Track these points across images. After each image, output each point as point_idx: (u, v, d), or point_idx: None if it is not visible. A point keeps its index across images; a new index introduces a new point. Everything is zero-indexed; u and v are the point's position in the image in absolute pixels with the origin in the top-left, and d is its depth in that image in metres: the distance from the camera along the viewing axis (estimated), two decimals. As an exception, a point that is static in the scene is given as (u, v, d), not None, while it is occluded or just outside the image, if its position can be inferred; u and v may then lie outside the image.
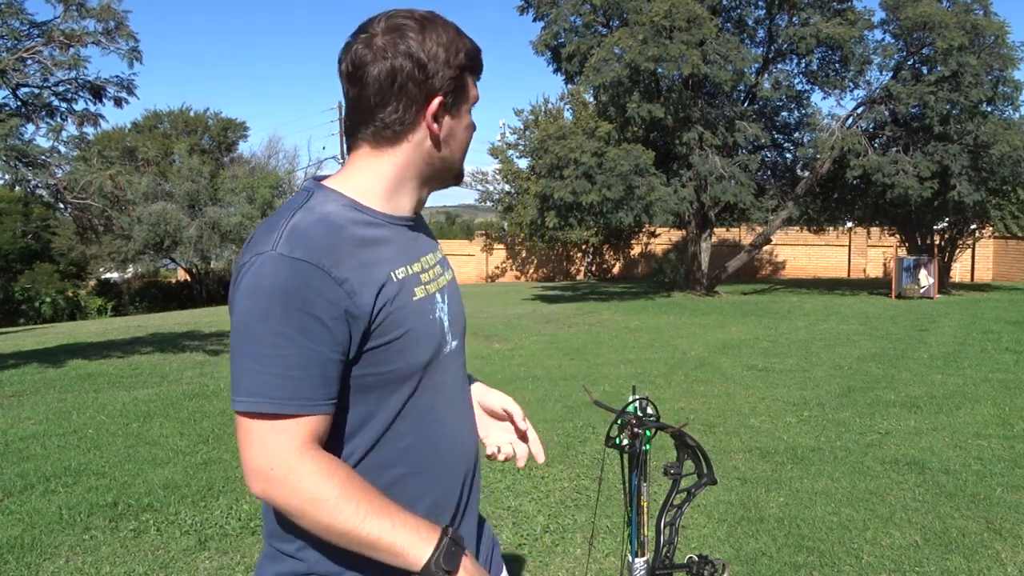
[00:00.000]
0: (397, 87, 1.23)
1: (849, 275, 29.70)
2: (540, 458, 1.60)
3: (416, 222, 1.38)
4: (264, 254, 1.15)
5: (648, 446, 1.68)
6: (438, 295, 1.34)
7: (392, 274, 1.25)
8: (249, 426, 1.15)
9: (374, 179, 1.29)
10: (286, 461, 1.13)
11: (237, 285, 1.18)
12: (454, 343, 1.37)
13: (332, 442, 1.23)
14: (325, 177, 1.33)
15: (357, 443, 1.25)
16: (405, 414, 1.27)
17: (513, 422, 1.61)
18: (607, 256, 33.04)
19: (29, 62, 10.34)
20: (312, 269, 1.14)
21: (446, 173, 1.36)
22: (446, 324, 1.34)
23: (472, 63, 1.30)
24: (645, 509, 1.69)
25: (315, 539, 1.20)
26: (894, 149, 19.18)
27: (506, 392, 1.66)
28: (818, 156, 19.77)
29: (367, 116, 1.27)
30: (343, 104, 1.34)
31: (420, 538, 1.16)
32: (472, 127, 1.35)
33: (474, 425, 1.49)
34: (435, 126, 1.27)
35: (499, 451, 1.61)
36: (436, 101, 1.26)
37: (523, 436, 1.62)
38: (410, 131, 1.27)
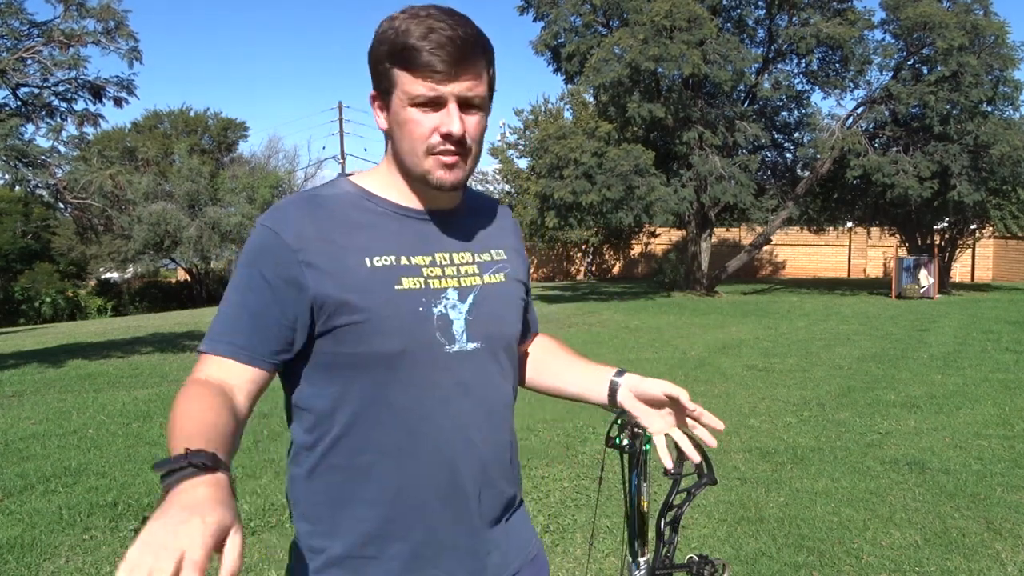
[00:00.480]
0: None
1: (849, 275, 29.70)
2: (718, 424, 1.52)
3: (455, 219, 1.37)
4: (256, 224, 1.30)
5: (648, 446, 1.68)
6: (451, 292, 1.31)
7: (368, 260, 1.26)
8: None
9: (381, 172, 1.35)
10: (188, 380, 1.25)
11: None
12: (470, 345, 1.32)
13: (308, 420, 1.29)
14: (353, 173, 1.41)
15: (330, 426, 1.28)
16: (380, 403, 1.26)
17: (682, 404, 1.52)
18: (607, 256, 33.05)
19: (29, 62, 10.34)
20: (271, 234, 1.24)
21: (406, 171, 1.31)
22: (455, 324, 1.31)
23: (396, 56, 1.23)
24: (645, 509, 1.69)
25: (299, 510, 1.31)
26: (894, 149, 19.18)
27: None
28: (818, 156, 19.77)
29: None
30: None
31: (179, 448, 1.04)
32: (415, 123, 1.25)
33: (492, 437, 1.38)
34: (379, 120, 1.31)
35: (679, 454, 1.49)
36: (370, 94, 1.31)
37: (694, 418, 1.52)
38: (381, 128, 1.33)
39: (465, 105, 1.25)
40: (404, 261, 1.29)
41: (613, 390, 1.51)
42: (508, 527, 1.42)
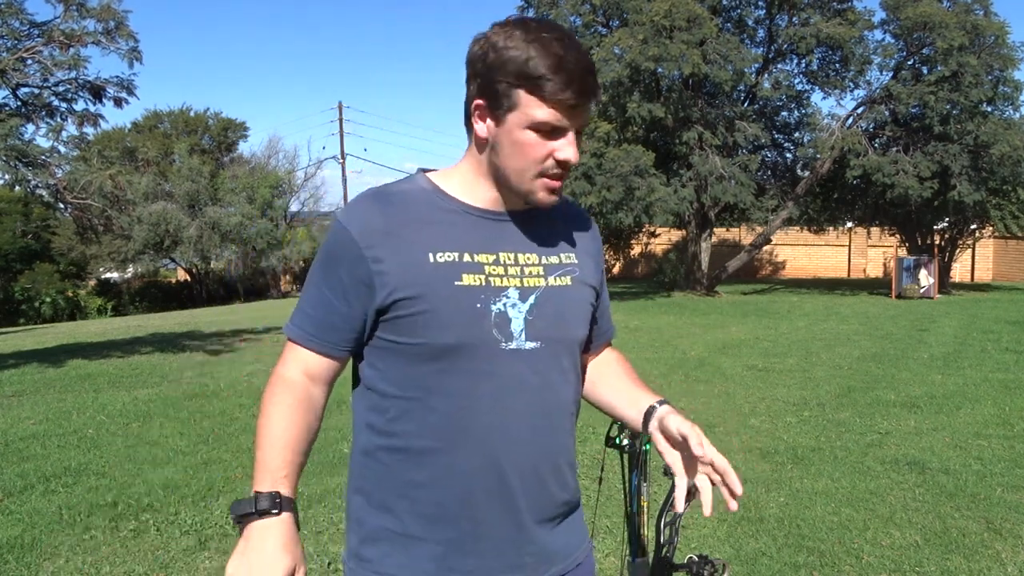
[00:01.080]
0: (466, 79, 1.32)
1: (849, 275, 29.69)
2: (737, 490, 1.32)
3: (529, 220, 1.39)
4: (334, 219, 1.38)
5: (648, 446, 1.68)
6: (512, 291, 1.34)
7: (431, 255, 1.31)
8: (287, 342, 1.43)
9: (463, 171, 1.39)
10: (278, 369, 1.41)
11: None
12: (528, 344, 1.34)
13: (369, 399, 1.38)
14: (434, 170, 1.45)
15: (387, 408, 1.35)
16: (435, 392, 1.31)
17: (689, 445, 1.32)
18: (607, 256, 33.03)
19: (29, 62, 10.34)
20: (344, 232, 1.32)
21: (506, 182, 1.33)
22: (514, 322, 1.33)
23: (525, 79, 1.23)
24: (645, 509, 1.69)
25: (355, 483, 1.42)
26: (894, 149, 19.18)
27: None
28: (818, 156, 19.76)
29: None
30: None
31: (257, 481, 1.33)
32: (531, 146, 1.27)
33: (545, 438, 1.37)
34: (478, 127, 1.31)
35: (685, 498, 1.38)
36: (476, 102, 1.30)
37: (714, 469, 1.33)
38: (472, 131, 1.34)
39: (577, 131, 1.31)
40: (467, 258, 1.32)
41: (647, 417, 1.44)
42: (557, 529, 1.42)
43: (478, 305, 1.30)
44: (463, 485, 1.32)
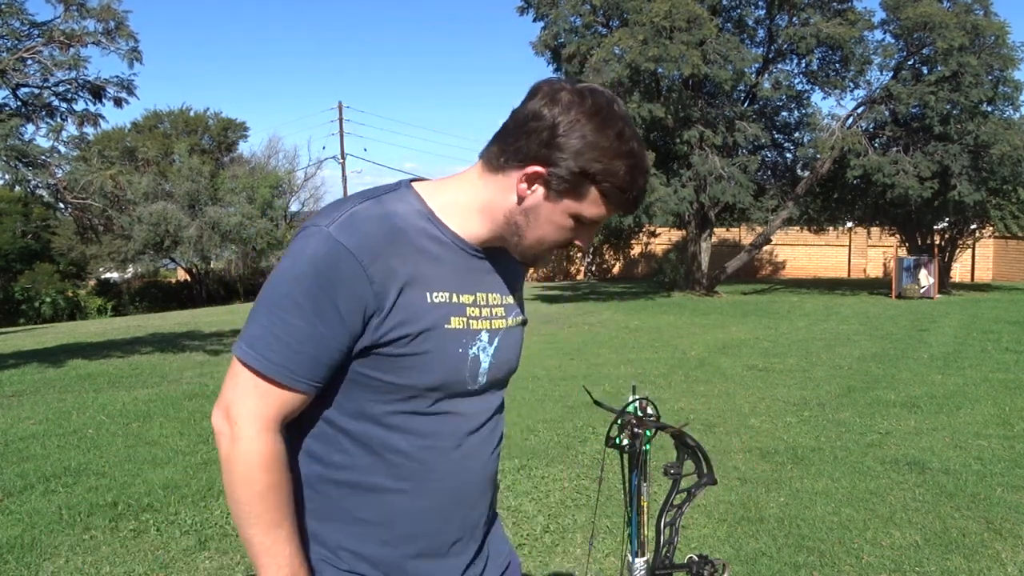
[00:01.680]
0: (526, 131, 1.23)
1: (849, 275, 29.69)
2: None
3: (490, 257, 1.36)
4: (319, 227, 1.20)
5: (648, 446, 1.68)
6: (484, 334, 1.33)
7: (428, 295, 1.25)
8: (238, 371, 1.23)
9: (462, 198, 1.30)
10: (249, 425, 1.21)
11: (289, 245, 1.25)
12: (488, 389, 1.36)
13: (321, 429, 1.29)
14: (422, 180, 1.35)
15: (341, 443, 1.28)
16: (399, 431, 1.27)
17: None
18: (607, 256, 33.03)
19: (29, 62, 10.34)
20: (351, 259, 1.18)
21: (514, 240, 1.31)
22: (483, 365, 1.33)
23: (605, 183, 1.22)
24: (645, 509, 1.69)
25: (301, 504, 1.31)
26: (894, 149, 19.18)
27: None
28: (818, 156, 19.77)
29: (499, 135, 1.28)
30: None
31: (278, 571, 1.22)
32: (565, 229, 1.28)
33: (489, 475, 1.42)
34: (523, 187, 1.25)
35: None
36: (535, 169, 1.23)
37: None
38: (506, 173, 1.26)
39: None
40: (455, 299, 1.29)
41: None
42: (490, 540, 1.47)
43: (460, 350, 1.29)
44: (414, 525, 1.31)
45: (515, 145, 1.25)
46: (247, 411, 1.21)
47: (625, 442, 1.68)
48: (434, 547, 1.33)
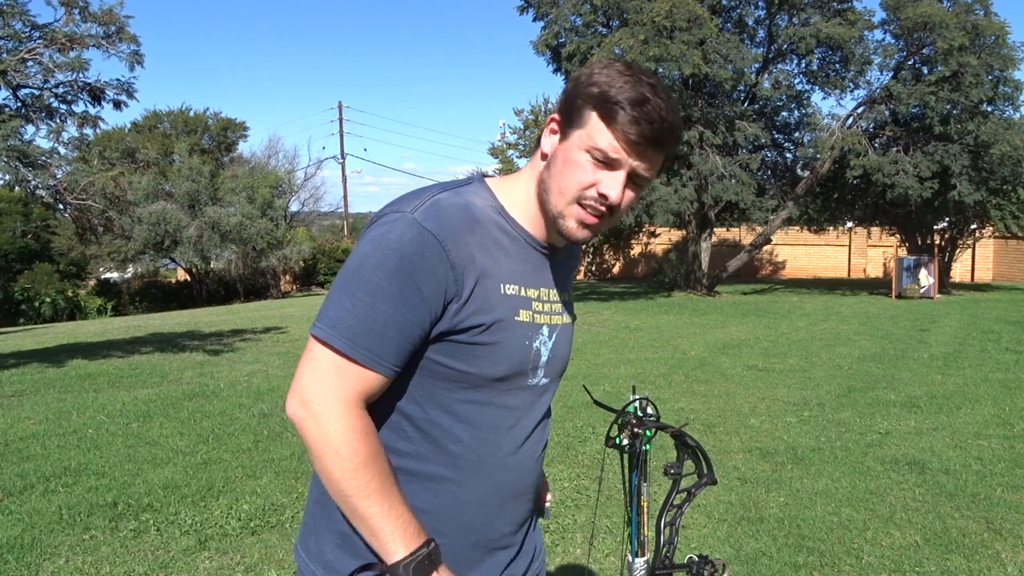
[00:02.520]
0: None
1: (849, 275, 29.69)
2: None
3: (554, 253, 1.38)
4: (402, 213, 1.22)
5: (648, 446, 1.68)
6: (545, 328, 1.34)
7: (502, 286, 1.27)
8: (318, 353, 1.21)
9: (521, 191, 1.34)
10: (333, 405, 1.18)
11: (367, 231, 1.25)
12: (545, 380, 1.38)
13: (385, 416, 1.29)
14: (490, 176, 1.39)
15: (407, 426, 1.30)
16: (461, 420, 1.29)
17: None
18: (607, 256, 33.03)
19: (30, 63, 10.34)
20: (435, 243, 1.19)
21: (544, 201, 1.30)
22: (543, 359, 1.34)
23: (602, 103, 1.22)
24: (645, 509, 1.69)
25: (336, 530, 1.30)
26: (894, 149, 19.18)
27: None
28: (818, 156, 19.76)
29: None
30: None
31: (404, 536, 1.19)
32: (581, 168, 1.25)
33: (539, 468, 1.46)
34: (544, 141, 1.30)
35: None
36: (552, 115, 1.29)
37: None
38: (539, 144, 1.32)
39: (632, 177, 1.26)
40: (523, 292, 1.31)
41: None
42: (532, 535, 1.51)
43: (526, 342, 1.31)
44: (468, 514, 1.33)
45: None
46: (328, 394, 1.19)
47: (625, 442, 1.68)
48: (486, 539, 1.36)
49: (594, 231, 1.30)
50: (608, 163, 1.24)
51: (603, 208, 1.26)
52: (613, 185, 1.24)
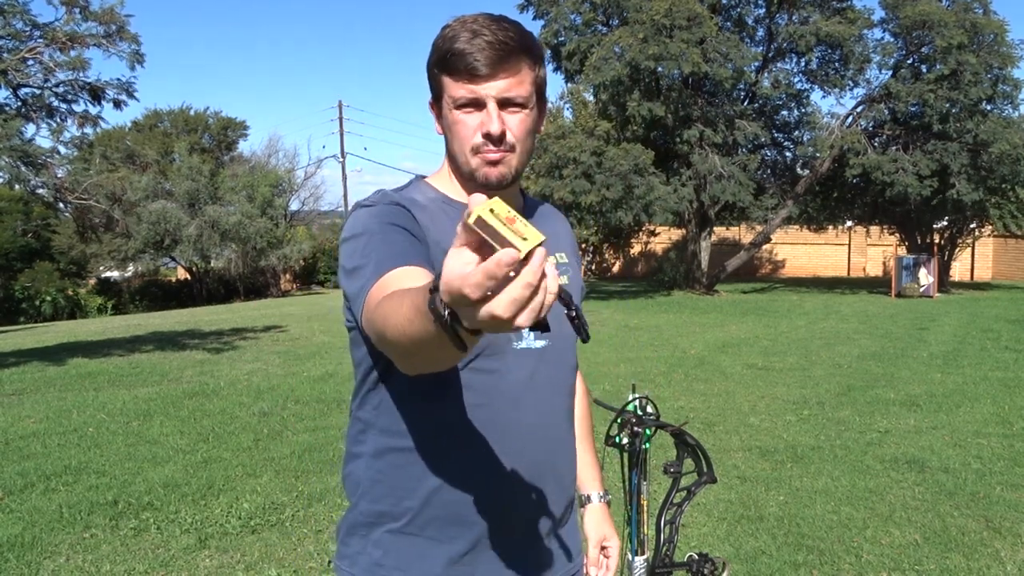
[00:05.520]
0: None
1: (849, 274, 29.69)
2: None
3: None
4: (356, 208, 1.33)
5: (648, 445, 1.68)
6: None
7: None
8: (362, 298, 1.17)
9: (444, 174, 1.42)
10: (364, 296, 1.16)
11: (340, 235, 1.33)
12: (537, 343, 1.38)
13: (382, 400, 1.34)
14: (425, 175, 1.46)
15: (403, 405, 1.32)
16: (454, 388, 1.30)
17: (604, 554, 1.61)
18: (607, 255, 33.01)
19: (31, 62, 10.35)
20: (393, 204, 1.30)
21: (459, 171, 1.37)
22: None
23: (440, 62, 1.29)
24: (645, 507, 1.70)
25: (362, 490, 1.36)
26: (894, 148, 19.17)
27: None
28: (818, 155, 19.76)
29: None
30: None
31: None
32: (461, 125, 1.31)
33: (559, 437, 1.44)
34: (436, 126, 1.37)
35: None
36: (430, 103, 1.36)
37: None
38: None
39: (506, 104, 1.29)
40: None
41: (583, 502, 1.64)
42: (566, 529, 1.47)
43: None
44: (481, 484, 1.33)
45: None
46: (359, 290, 1.17)
47: (625, 441, 1.68)
48: (508, 521, 1.36)
49: (505, 167, 1.32)
50: (476, 105, 1.29)
51: (494, 144, 1.31)
52: (489, 120, 1.29)
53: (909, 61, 19.38)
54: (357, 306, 1.19)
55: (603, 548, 1.61)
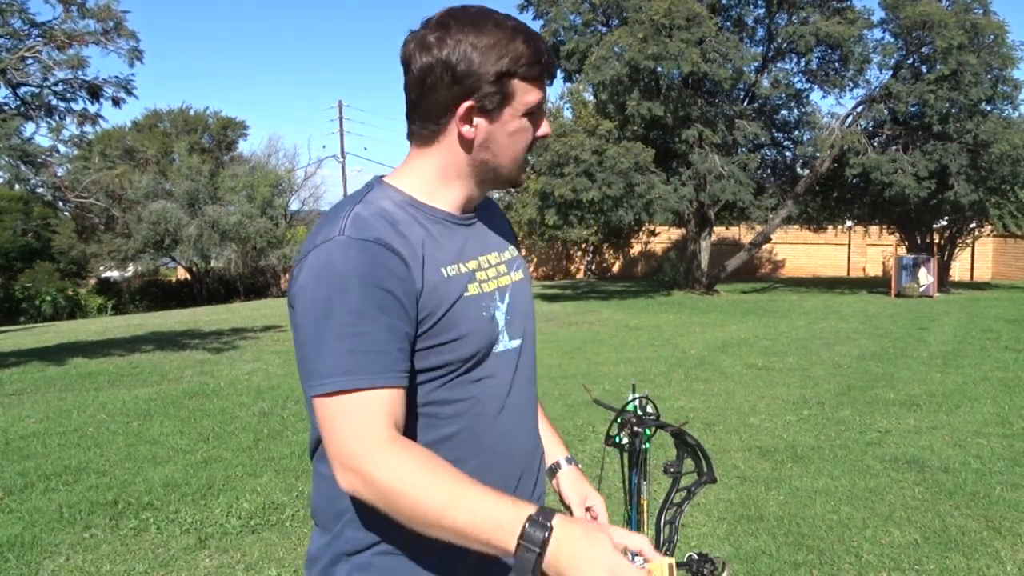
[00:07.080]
0: (428, 87, 1.25)
1: (848, 274, 29.69)
2: None
3: (475, 220, 1.38)
4: (332, 239, 1.18)
5: (648, 444, 1.69)
6: (497, 294, 1.34)
7: (443, 270, 1.27)
8: (333, 409, 1.15)
9: (423, 178, 1.32)
10: (372, 451, 1.13)
11: (301, 271, 1.20)
12: (512, 343, 1.37)
13: None
14: (384, 175, 1.38)
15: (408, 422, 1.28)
16: (447, 402, 1.28)
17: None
18: (607, 255, 33.02)
19: (29, 61, 10.35)
20: (382, 248, 1.18)
21: (492, 176, 1.32)
22: (501, 323, 1.34)
23: (521, 68, 1.24)
24: (645, 508, 1.70)
25: (354, 516, 1.25)
26: (893, 148, 19.17)
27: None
28: (817, 155, 19.76)
29: (410, 112, 1.31)
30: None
31: (513, 505, 1.11)
32: (525, 131, 1.29)
33: (532, 428, 1.48)
34: (465, 130, 1.26)
35: None
36: (464, 105, 1.24)
37: None
38: (442, 133, 1.28)
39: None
40: (463, 268, 1.30)
41: (554, 470, 1.69)
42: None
43: (483, 313, 1.31)
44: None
45: (429, 106, 1.26)
46: (360, 443, 1.13)
47: (625, 440, 1.68)
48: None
49: None
50: (538, 112, 1.30)
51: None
52: (546, 125, 1.32)
53: (909, 61, 19.38)
54: (356, 447, 1.12)
55: (588, 508, 1.66)
